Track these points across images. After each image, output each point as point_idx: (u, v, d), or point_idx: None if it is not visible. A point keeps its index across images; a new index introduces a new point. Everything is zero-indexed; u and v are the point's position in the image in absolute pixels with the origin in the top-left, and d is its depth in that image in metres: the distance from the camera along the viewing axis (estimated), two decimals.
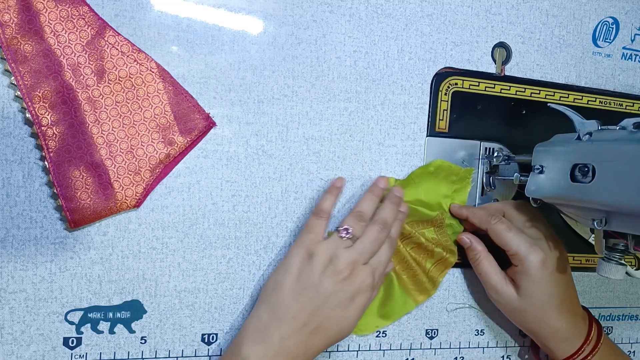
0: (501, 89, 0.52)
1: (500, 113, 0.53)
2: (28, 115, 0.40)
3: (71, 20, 0.41)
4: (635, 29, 0.57)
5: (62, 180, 0.41)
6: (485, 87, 0.52)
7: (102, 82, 0.42)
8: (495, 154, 0.51)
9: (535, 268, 0.45)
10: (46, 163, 0.41)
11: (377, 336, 0.51)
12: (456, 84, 0.51)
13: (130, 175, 0.43)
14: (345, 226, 0.43)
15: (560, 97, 0.54)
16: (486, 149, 0.52)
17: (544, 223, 0.49)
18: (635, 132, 0.39)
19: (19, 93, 0.40)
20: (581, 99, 0.55)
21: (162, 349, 0.45)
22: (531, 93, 0.53)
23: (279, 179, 0.47)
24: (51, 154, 0.41)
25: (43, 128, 0.40)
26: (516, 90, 0.53)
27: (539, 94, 0.54)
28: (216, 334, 0.47)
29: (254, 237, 0.47)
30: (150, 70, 0.43)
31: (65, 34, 0.40)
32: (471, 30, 0.51)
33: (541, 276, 0.46)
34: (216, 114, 0.45)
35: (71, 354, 0.43)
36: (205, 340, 0.46)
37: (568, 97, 0.55)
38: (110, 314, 0.44)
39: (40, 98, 0.40)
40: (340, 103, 0.48)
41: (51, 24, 0.40)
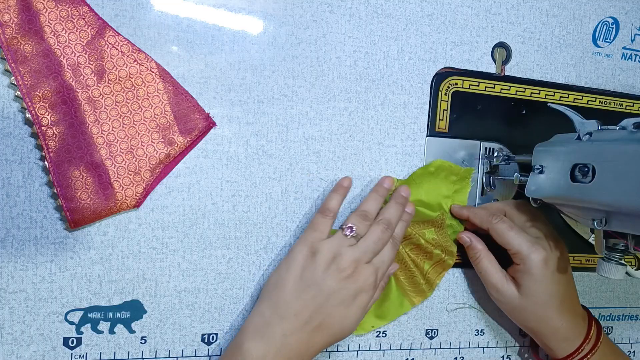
0: (501, 89, 0.52)
1: (500, 113, 0.53)
2: (28, 115, 0.40)
3: (71, 20, 0.41)
4: (635, 29, 0.57)
5: (62, 180, 0.41)
6: (485, 87, 0.52)
7: (102, 82, 0.42)
8: (495, 154, 0.51)
9: (537, 267, 0.46)
10: (46, 163, 0.41)
11: (377, 336, 0.51)
12: (456, 84, 0.51)
13: (130, 175, 0.43)
14: (349, 224, 0.43)
15: (560, 97, 0.54)
16: (486, 149, 0.52)
17: (545, 222, 0.49)
18: (635, 132, 0.39)
19: (19, 93, 0.40)
20: (581, 99, 0.55)
21: (162, 349, 0.45)
22: (531, 93, 0.53)
23: (279, 179, 0.47)
24: (51, 154, 0.41)
25: (43, 128, 0.40)
26: (516, 90, 0.53)
27: (539, 94, 0.54)
28: (216, 334, 0.47)
29: (254, 237, 0.47)
30: (150, 70, 0.43)
31: (65, 34, 0.40)
32: (471, 30, 0.51)
33: (543, 275, 0.46)
34: (216, 114, 0.45)
35: (71, 354, 0.43)
36: (205, 340, 0.46)
37: (568, 97, 0.55)
38: (110, 314, 0.44)
39: (40, 98, 0.40)
40: (340, 103, 0.48)
41: (51, 24, 0.40)
